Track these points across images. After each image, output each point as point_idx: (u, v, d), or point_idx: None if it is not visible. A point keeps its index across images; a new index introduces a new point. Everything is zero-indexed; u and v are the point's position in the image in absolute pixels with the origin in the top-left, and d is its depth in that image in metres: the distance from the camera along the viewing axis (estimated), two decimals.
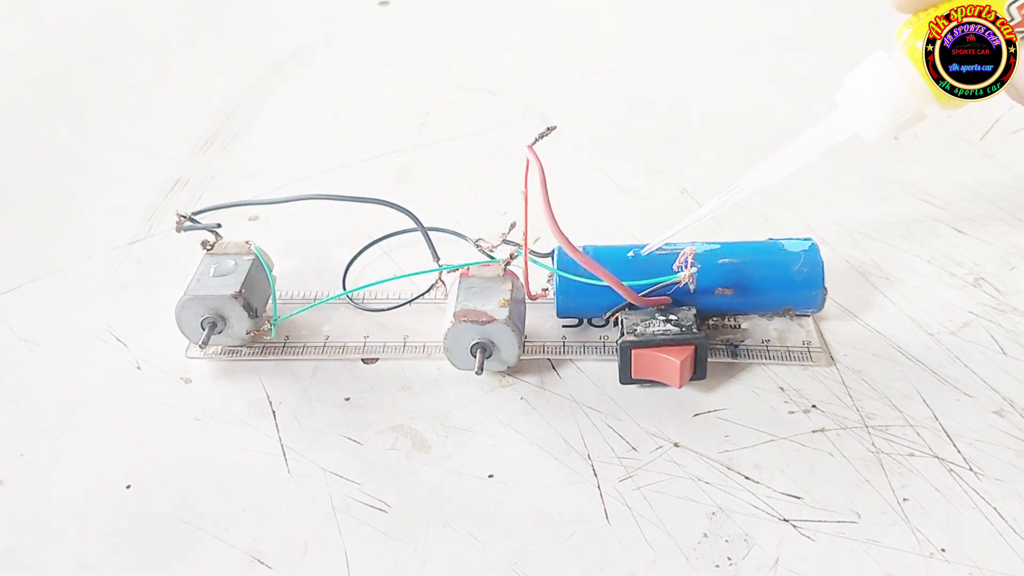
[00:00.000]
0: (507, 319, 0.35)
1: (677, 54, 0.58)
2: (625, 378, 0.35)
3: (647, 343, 0.34)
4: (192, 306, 0.36)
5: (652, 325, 0.35)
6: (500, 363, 0.36)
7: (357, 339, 0.38)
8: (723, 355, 0.37)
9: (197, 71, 0.60)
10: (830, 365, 0.36)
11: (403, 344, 0.38)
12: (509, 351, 0.35)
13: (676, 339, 0.34)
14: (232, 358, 0.38)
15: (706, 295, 0.36)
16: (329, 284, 0.41)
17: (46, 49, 0.64)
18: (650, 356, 0.34)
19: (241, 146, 0.53)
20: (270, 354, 0.38)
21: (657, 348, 0.34)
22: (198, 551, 0.31)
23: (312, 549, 0.31)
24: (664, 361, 0.34)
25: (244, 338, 0.37)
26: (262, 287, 0.38)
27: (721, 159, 0.48)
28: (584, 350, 0.37)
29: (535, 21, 0.63)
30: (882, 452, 0.33)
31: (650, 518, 0.31)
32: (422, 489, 0.33)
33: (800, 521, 0.31)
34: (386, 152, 0.51)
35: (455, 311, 0.35)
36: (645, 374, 0.35)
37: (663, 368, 0.34)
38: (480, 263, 0.38)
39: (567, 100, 0.54)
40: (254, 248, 0.38)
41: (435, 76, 0.58)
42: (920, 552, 0.30)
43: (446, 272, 0.38)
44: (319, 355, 0.38)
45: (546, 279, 0.39)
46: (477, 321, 0.35)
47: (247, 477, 0.33)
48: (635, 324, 0.35)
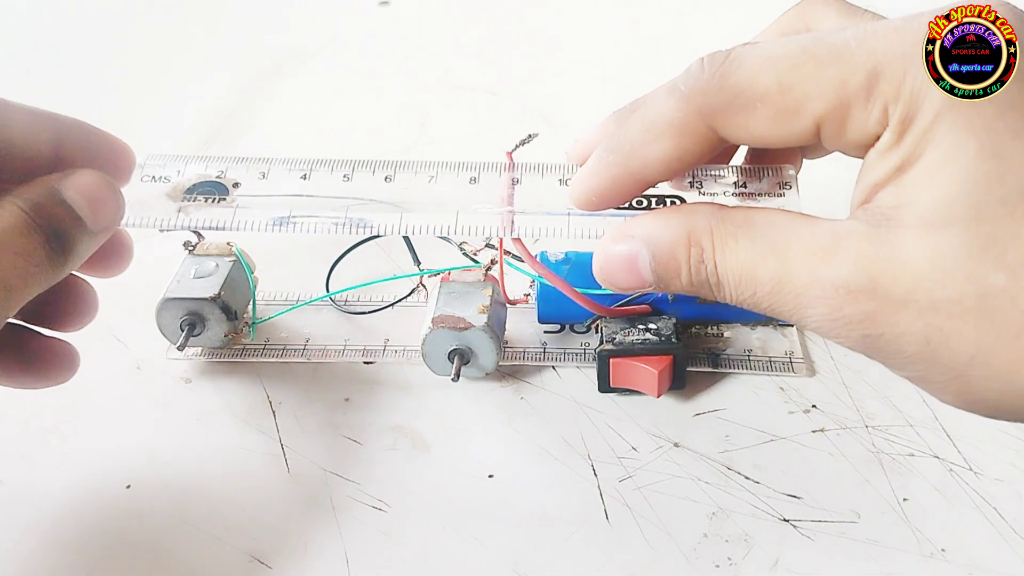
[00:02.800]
0: (485, 325, 0.35)
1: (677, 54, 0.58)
2: (604, 387, 0.35)
3: (625, 352, 0.34)
4: (170, 308, 0.36)
5: (631, 334, 0.35)
6: (478, 370, 0.36)
7: (338, 342, 0.38)
8: (704, 364, 0.36)
9: (197, 71, 0.60)
10: (812, 375, 0.36)
11: (383, 348, 0.38)
12: (487, 358, 0.35)
13: (654, 349, 0.34)
14: (212, 359, 0.38)
15: (687, 303, 0.36)
16: (312, 286, 0.40)
17: (46, 49, 0.64)
18: (628, 365, 0.34)
19: (241, 146, 0.53)
20: (249, 356, 0.38)
21: (635, 358, 0.34)
22: (198, 551, 0.31)
23: (312, 549, 0.31)
24: (642, 371, 0.34)
25: (223, 340, 0.37)
26: (243, 289, 0.38)
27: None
28: (565, 357, 0.37)
29: (535, 21, 0.63)
30: (882, 452, 0.33)
31: (650, 518, 0.31)
32: (422, 489, 0.33)
33: (800, 521, 0.31)
34: (386, 152, 0.51)
35: (433, 316, 0.35)
36: (624, 383, 0.35)
37: (641, 378, 0.34)
38: (462, 267, 0.38)
39: (567, 100, 0.54)
40: (235, 250, 0.38)
41: (435, 76, 0.58)
42: (920, 552, 0.30)
43: (427, 276, 0.38)
44: (299, 358, 0.38)
45: (528, 284, 0.38)
46: (455, 327, 0.35)
47: (247, 477, 0.33)
48: (614, 333, 0.35)
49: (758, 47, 0.28)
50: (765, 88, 0.27)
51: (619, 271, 0.30)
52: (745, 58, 0.27)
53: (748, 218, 0.28)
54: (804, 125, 0.27)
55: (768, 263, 0.27)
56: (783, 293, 0.27)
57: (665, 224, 0.29)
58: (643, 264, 0.29)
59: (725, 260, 0.28)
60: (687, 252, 0.28)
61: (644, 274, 0.29)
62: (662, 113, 0.29)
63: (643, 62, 0.57)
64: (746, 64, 0.27)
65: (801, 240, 0.27)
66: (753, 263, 0.27)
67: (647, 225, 0.29)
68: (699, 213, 0.29)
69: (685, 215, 0.29)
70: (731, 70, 0.27)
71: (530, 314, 0.38)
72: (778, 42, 0.28)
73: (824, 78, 0.26)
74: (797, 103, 0.27)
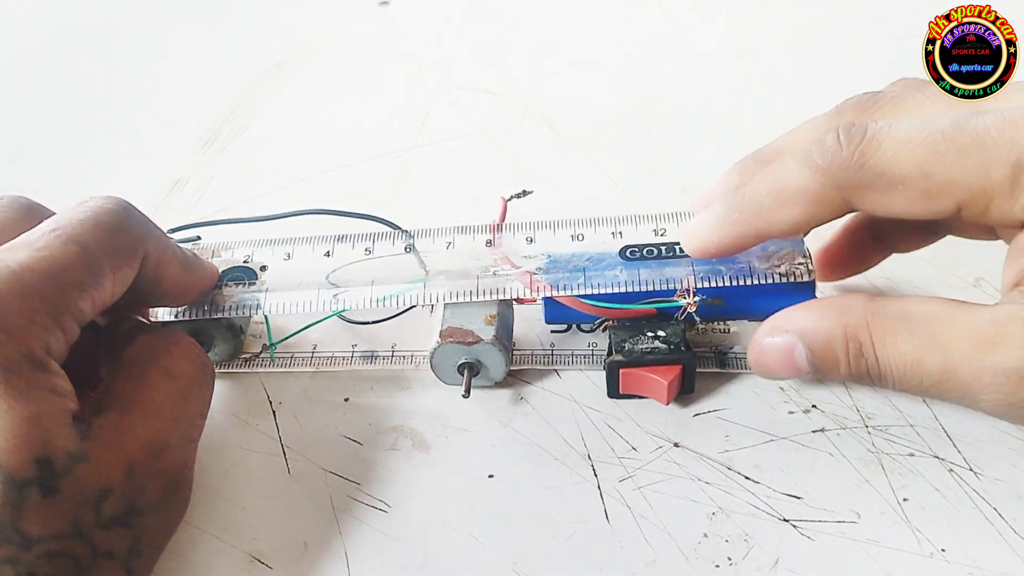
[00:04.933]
0: (493, 339, 0.34)
1: (677, 54, 0.58)
2: (613, 393, 0.35)
3: (634, 363, 0.34)
4: (176, 327, 0.35)
5: (641, 342, 0.34)
6: (488, 380, 0.35)
7: (345, 347, 0.38)
8: (711, 364, 0.36)
9: (197, 71, 0.60)
10: None
11: (391, 353, 0.37)
12: (496, 369, 0.35)
13: (664, 358, 0.34)
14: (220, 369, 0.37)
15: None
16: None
17: (45, 49, 0.64)
18: (637, 375, 0.34)
19: (241, 146, 0.53)
20: (256, 366, 0.37)
21: (645, 368, 0.34)
22: (198, 551, 0.31)
23: (312, 549, 0.31)
24: (652, 380, 0.34)
25: (228, 354, 0.37)
26: None
27: (721, 159, 0.48)
28: (572, 360, 0.37)
29: (535, 21, 0.63)
30: (882, 452, 0.33)
31: (650, 518, 0.31)
32: (422, 489, 0.33)
33: (800, 521, 0.31)
34: (386, 152, 0.51)
35: (441, 330, 0.35)
36: (633, 390, 0.34)
37: (651, 386, 0.34)
38: None
39: (567, 100, 0.54)
40: None
41: (435, 76, 0.58)
42: (920, 552, 0.30)
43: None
44: (307, 367, 0.37)
45: None
46: (463, 342, 0.34)
47: (247, 477, 0.33)
48: (623, 340, 0.34)
49: (896, 128, 0.29)
50: (907, 172, 0.28)
51: (775, 364, 0.31)
52: (885, 139, 0.28)
53: (904, 309, 0.29)
54: (945, 206, 0.28)
55: (932, 355, 0.28)
56: (951, 383, 0.28)
57: (820, 318, 0.30)
58: (800, 357, 0.31)
59: (886, 354, 0.29)
60: (844, 346, 0.30)
61: (801, 365, 0.31)
62: (794, 181, 0.30)
63: (643, 62, 0.57)
64: (886, 146, 0.28)
65: (963, 330, 0.28)
66: (916, 356, 0.28)
67: (801, 319, 0.31)
68: (853, 306, 0.30)
69: (839, 309, 0.30)
70: (871, 150, 0.28)
71: (537, 310, 0.38)
72: (916, 124, 0.28)
73: (967, 166, 0.27)
74: (940, 188, 0.28)
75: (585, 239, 0.36)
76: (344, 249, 0.36)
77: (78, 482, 0.26)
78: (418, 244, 0.36)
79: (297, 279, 0.36)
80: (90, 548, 0.26)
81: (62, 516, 0.25)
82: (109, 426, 0.28)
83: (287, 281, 0.36)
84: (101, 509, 0.26)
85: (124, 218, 0.30)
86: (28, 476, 0.25)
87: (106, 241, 0.29)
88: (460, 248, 0.36)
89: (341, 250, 0.36)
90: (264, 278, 0.36)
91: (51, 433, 0.26)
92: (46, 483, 0.25)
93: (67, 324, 0.27)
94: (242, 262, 0.36)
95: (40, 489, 0.25)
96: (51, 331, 0.27)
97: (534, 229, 0.36)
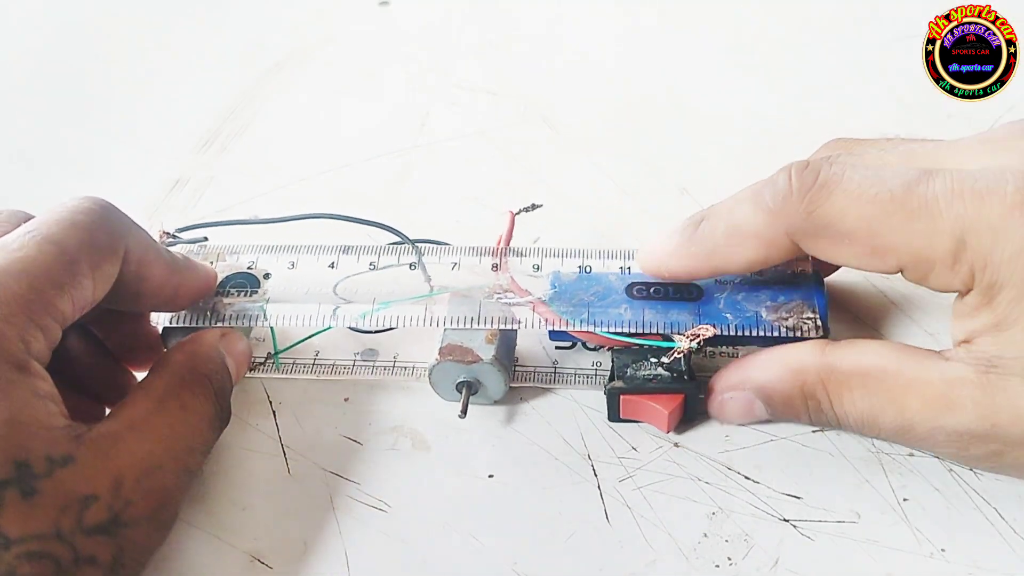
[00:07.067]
0: (493, 359, 0.34)
1: (677, 54, 0.58)
2: (614, 418, 0.34)
3: (635, 390, 0.33)
4: (175, 336, 0.35)
5: (643, 368, 0.33)
6: (486, 398, 0.35)
7: (347, 356, 0.38)
8: None
9: (197, 71, 0.60)
10: None
11: (393, 364, 0.37)
12: (496, 388, 0.35)
13: (666, 387, 0.33)
14: None
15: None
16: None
17: (45, 49, 0.64)
18: (638, 402, 0.33)
19: (241, 146, 0.53)
20: (257, 372, 0.37)
21: (646, 395, 0.33)
22: (198, 551, 0.31)
23: (312, 549, 0.31)
24: (652, 409, 0.33)
25: None
26: None
27: (721, 159, 0.48)
28: (575, 379, 0.36)
29: (535, 21, 0.63)
30: (882, 452, 0.33)
31: (650, 518, 0.31)
32: (422, 489, 0.33)
33: (800, 521, 0.31)
34: (386, 152, 0.51)
35: (441, 347, 0.34)
36: (633, 416, 0.34)
37: (651, 414, 0.33)
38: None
39: (567, 100, 0.54)
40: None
41: (435, 76, 0.58)
42: (920, 552, 0.30)
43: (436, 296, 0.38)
44: (308, 374, 0.37)
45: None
46: (462, 360, 0.34)
47: (247, 477, 0.33)
48: (626, 365, 0.34)
49: (849, 179, 0.29)
50: (854, 228, 0.29)
51: (737, 415, 0.33)
52: (835, 190, 0.29)
53: (857, 364, 0.30)
54: (888, 266, 0.29)
55: (887, 414, 0.30)
56: (908, 437, 0.30)
57: (777, 378, 0.31)
58: (759, 409, 0.32)
59: (844, 411, 0.31)
60: (804, 404, 0.31)
61: (760, 415, 0.33)
62: (748, 222, 0.31)
63: (643, 62, 0.57)
64: (835, 197, 0.29)
65: (916, 391, 0.29)
66: (872, 414, 0.30)
67: (757, 378, 0.32)
68: (806, 361, 0.31)
69: (793, 367, 0.31)
70: (821, 198, 0.29)
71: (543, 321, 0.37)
72: (868, 178, 0.29)
73: (912, 231, 0.28)
74: (883, 249, 0.29)
75: (592, 271, 0.35)
76: (349, 261, 0.36)
77: (60, 485, 0.26)
78: (423, 261, 0.36)
79: (299, 290, 0.35)
80: (72, 553, 0.26)
81: (42, 518, 0.25)
82: (107, 436, 0.28)
83: (289, 292, 0.35)
84: (84, 515, 0.26)
85: (101, 215, 0.30)
86: (6, 477, 0.25)
87: (84, 239, 0.29)
88: (466, 268, 0.36)
89: (346, 262, 0.36)
90: (267, 287, 0.36)
91: (30, 435, 0.26)
92: (24, 485, 0.25)
93: (47, 324, 0.27)
94: (246, 268, 0.36)
95: (18, 490, 0.25)
96: (30, 332, 0.27)
97: (541, 256, 0.36)
